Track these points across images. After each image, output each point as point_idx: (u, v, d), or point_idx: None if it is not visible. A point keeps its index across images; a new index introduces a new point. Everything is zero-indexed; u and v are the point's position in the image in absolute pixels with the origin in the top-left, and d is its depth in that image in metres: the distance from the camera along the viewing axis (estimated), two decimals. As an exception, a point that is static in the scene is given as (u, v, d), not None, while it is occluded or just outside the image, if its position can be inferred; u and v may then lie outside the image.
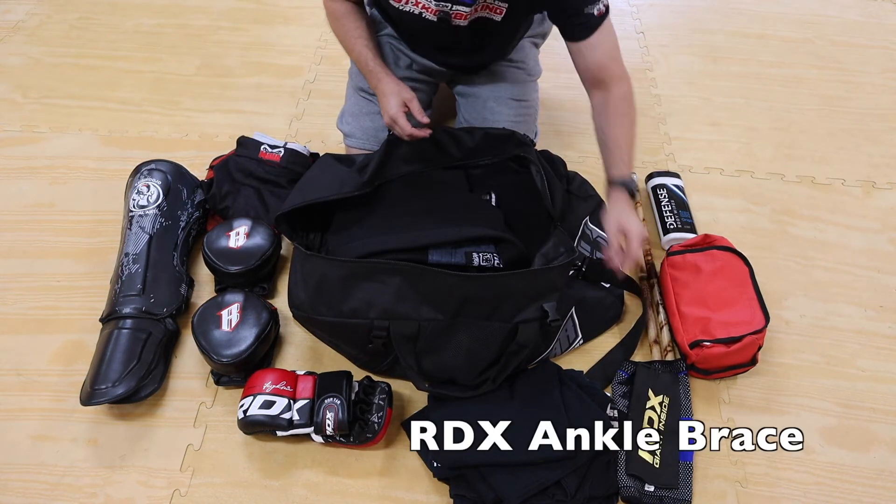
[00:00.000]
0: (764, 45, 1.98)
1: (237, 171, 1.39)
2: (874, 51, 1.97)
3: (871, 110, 1.78)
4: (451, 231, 1.14)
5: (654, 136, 1.68)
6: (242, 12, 2.03)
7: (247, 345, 1.12)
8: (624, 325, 1.28)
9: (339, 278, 1.04)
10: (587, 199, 1.42)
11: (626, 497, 1.04)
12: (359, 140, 1.40)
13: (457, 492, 1.03)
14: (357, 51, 1.26)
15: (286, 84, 1.79)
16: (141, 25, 1.97)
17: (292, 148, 1.42)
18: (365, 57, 1.25)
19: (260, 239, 1.26)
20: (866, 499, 1.08)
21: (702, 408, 1.17)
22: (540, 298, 1.06)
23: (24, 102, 1.72)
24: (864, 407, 1.19)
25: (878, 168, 1.62)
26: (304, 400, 1.05)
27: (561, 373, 1.16)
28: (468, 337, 1.07)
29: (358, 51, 1.26)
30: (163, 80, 1.79)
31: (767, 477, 1.10)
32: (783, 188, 1.57)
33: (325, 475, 1.07)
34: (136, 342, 1.14)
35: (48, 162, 1.56)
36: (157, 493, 1.05)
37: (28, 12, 2.00)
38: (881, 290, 1.37)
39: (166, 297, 1.21)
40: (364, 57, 1.25)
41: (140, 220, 1.28)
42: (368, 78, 1.27)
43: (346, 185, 1.21)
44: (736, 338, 1.13)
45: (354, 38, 1.26)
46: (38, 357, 1.21)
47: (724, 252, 1.27)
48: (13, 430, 1.12)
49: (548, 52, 1.51)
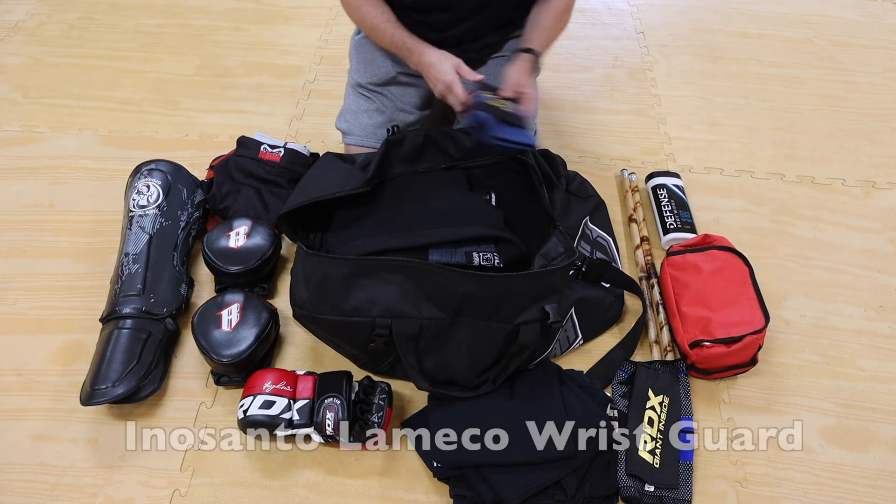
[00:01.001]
0: (764, 45, 1.98)
1: (237, 171, 1.39)
2: (874, 51, 1.97)
3: (871, 110, 1.78)
4: (451, 231, 1.14)
5: (654, 136, 1.68)
6: (242, 12, 2.03)
7: (247, 345, 1.12)
8: (624, 325, 1.28)
9: (341, 276, 1.04)
10: (587, 198, 1.42)
11: (626, 497, 1.04)
12: (357, 137, 1.40)
13: (457, 492, 1.03)
14: (389, 34, 1.24)
15: (286, 84, 1.79)
16: (141, 25, 1.97)
17: (292, 148, 1.42)
18: (400, 37, 1.23)
19: (260, 239, 1.26)
20: (866, 499, 1.08)
21: (702, 408, 1.17)
22: (541, 300, 1.06)
23: (24, 102, 1.72)
24: (864, 407, 1.19)
25: (878, 168, 1.62)
26: (304, 400, 1.05)
27: (561, 373, 1.16)
28: (470, 337, 1.07)
29: (390, 34, 1.24)
30: (163, 80, 1.79)
31: (767, 477, 1.10)
32: (783, 188, 1.57)
33: (325, 475, 1.07)
34: (136, 342, 1.14)
35: (48, 162, 1.56)
36: (157, 493, 1.05)
37: (28, 12, 2.00)
38: (881, 290, 1.37)
39: (166, 297, 1.21)
40: (398, 38, 1.24)
41: (140, 220, 1.28)
42: (408, 57, 1.25)
43: (348, 182, 1.20)
44: (736, 338, 1.13)
45: (382, 23, 1.25)
46: (38, 357, 1.21)
47: (724, 252, 1.27)
48: (13, 430, 1.12)
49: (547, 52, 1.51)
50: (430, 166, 1.31)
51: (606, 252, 1.34)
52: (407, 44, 1.23)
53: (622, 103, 1.77)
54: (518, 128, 1.15)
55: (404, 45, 1.23)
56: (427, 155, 1.30)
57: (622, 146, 1.65)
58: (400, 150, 1.26)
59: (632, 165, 1.58)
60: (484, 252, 1.12)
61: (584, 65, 1.88)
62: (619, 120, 1.72)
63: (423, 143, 1.28)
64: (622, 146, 1.65)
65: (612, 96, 1.79)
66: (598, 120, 1.71)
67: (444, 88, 1.18)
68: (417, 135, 1.28)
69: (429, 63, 1.20)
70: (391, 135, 1.24)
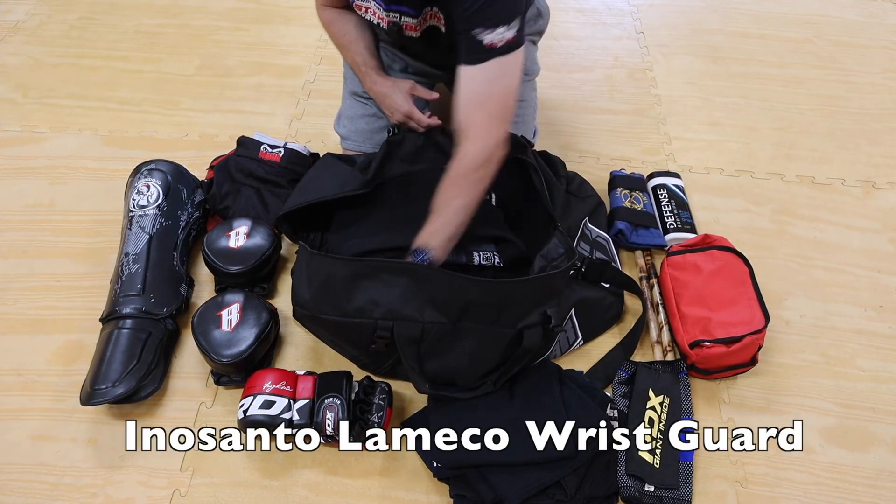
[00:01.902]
0: (764, 45, 1.98)
1: (237, 171, 1.39)
2: (874, 51, 1.97)
3: (871, 110, 1.78)
4: None
5: (654, 136, 1.68)
6: (242, 12, 2.03)
7: (247, 345, 1.12)
8: (624, 325, 1.28)
9: (345, 277, 1.04)
10: (586, 199, 1.42)
11: (626, 497, 1.04)
12: (354, 143, 1.40)
13: (457, 492, 1.03)
14: (349, 58, 1.26)
15: (286, 84, 1.79)
16: (141, 25, 1.97)
17: (292, 148, 1.42)
18: (355, 62, 1.25)
19: (260, 239, 1.26)
20: (866, 499, 1.08)
21: (702, 408, 1.17)
22: (543, 304, 1.06)
23: (24, 102, 1.72)
24: (864, 407, 1.19)
25: (878, 168, 1.62)
26: (304, 400, 1.05)
27: (561, 373, 1.16)
28: (472, 341, 1.06)
29: (350, 58, 1.26)
30: (163, 80, 1.79)
31: (767, 477, 1.10)
32: (783, 188, 1.57)
33: (325, 475, 1.07)
34: (136, 342, 1.14)
35: (48, 162, 1.56)
36: (157, 493, 1.05)
37: (28, 12, 2.00)
38: (881, 290, 1.37)
39: (166, 297, 1.21)
40: (354, 63, 1.26)
41: (140, 220, 1.28)
42: (362, 80, 1.27)
43: (348, 183, 1.20)
44: (736, 338, 1.13)
45: (344, 45, 1.27)
46: (38, 357, 1.21)
47: (724, 252, 1.27)
48: (13, 430, 1.12)
49: (547, 52, 1.52)
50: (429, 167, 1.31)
51: (606, 252, 1.34)
52: (361, 69, 1.25)
53: (622, 103, 1.77)
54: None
55: (358, 70, 1.25)
56: (428, 155, 1.30)
57: (622, 146, 1.65)
58: (400, 150, 1.26)
59: (632, 165, 1.58)
60: (484, 251, 1.12)
61: (584, 65, 1.88)
62: (619, 120, 1.72)
63: (424, 143, 1.28)
64: (622, 146, 1.65)
65: (612, 96, 1.79)
66: (598, 120, 1.71)
67: (402, 118, 1.19)
68: (418, 135, 1.28)
69: (380, 94, 1.21)
70: (392, 135, 1.24)
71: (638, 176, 1.50)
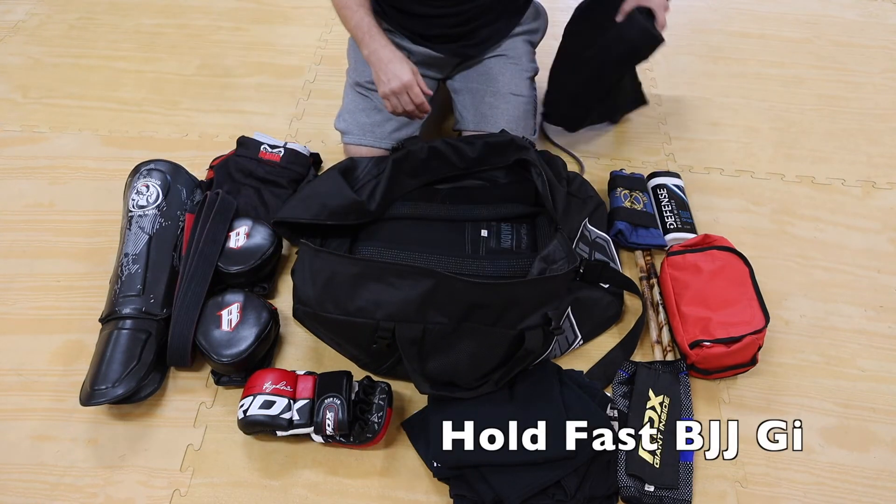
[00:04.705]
0: (764, 45, 1.98)
1: (237, 171, 1.39)
2: (874, 51, 1.97)
3: (871, 110, 1.78)
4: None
5: (654, 136, 1.68)
6: (242, 12, 2.03)
7: (247, 345, 1.12)
8: (624, 325, 1.28)
9: (349, 277, 1.04)
10: (587, 200, 1.42)
11: (626, 497, 1.04)
12: (355, 136, 1.39)
13: (457, 492, 1.03)
14: (353, 19, 1.22)
15: (286, 84, 1.79)
16: (141, 25, 1.97)
17: (292, 148, 1.42)
18: (359, 25, 1.22)
19: (260, 239, 1.26)
20: (866, 499, 1.08)
21: (702, 408, 1.17)
22: (544, 305, 1.06)
23: (24, 102, 1.72)
24: (864, 407, 1.19)
25: (878, 168, 1.62)
26: (304, 400, 1.05)
27: (561, 373, 1.16)
28: (473, 342, 1.07)
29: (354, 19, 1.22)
30: (163, 80, 1.79)
31: (767, 477, 1.10)
32: (783, 188, 1.57)
33: (325, 475, 1.07)
34: (136, 342, 1.14)
35: (48, 162, 1.56)
36: (157, 493, 1.05)
37: (28, 12, 2.00)
38: (881, 290, 1.37)
39: (166, 297, 1.21)
40: (358, 26, 1.22)
41: (139, 220, 1.28)
42: (363, 44, 1.23)
43: (349, 215, 1.21)
44: (736, 338, 1.13)
45: (347, 5, 1.24)
46: (38, 357, 1.21)
47: (724, 252, 1.27)
48: (13, 430, 1.12)
49: (546, 52, 1.51)
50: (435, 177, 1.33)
51: (605, 252, 1.34)
52: (364, 30, 1.20)
53: (622, 103, 1.77)
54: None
55: (363, 30, 1.21)
56: (432, 166, 1.30)
57: (622, 146, 1.65)
58: (405, 165, 1.27)
59: (632, 165, 1.58)
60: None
61: (584, 65, 1.88)
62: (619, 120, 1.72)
63: (428, 156, 1.29)
64: (622, 146, 1.65)
65: (612, 96, 1.79)
66: (598, 120, 1.71)
67: (399, 86, 1.15)
68: (421, 149, 1.28)
69: (386, 58, 1.17)
70: (394, 152, 1.24)
71: (638, 176, 1.50)
